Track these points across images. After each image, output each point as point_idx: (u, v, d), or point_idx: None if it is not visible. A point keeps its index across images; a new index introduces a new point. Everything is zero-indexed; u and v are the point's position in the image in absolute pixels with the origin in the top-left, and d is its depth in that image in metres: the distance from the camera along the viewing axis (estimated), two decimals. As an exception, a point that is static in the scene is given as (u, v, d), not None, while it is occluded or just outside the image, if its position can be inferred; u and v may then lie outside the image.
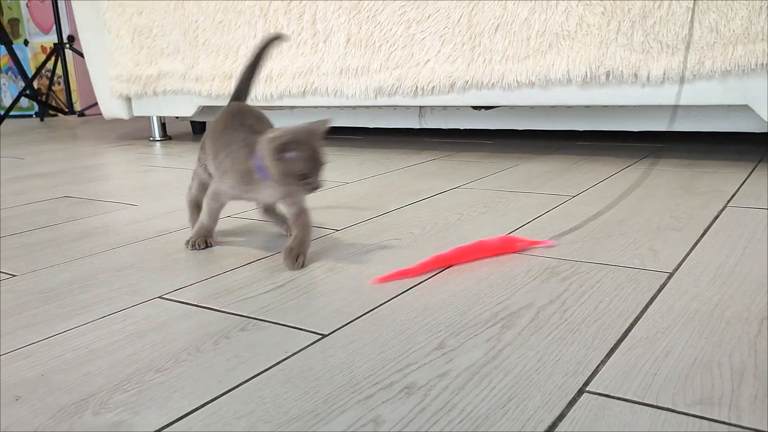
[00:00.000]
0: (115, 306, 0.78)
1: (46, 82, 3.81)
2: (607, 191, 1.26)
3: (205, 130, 2.61)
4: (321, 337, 0.67)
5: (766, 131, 1.48)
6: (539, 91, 1.57)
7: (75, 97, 3.92)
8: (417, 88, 1.69)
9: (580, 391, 0.54)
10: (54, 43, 3.70)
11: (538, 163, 1.60)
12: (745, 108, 1.46)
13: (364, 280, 0.83)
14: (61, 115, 3.89)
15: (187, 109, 2.20)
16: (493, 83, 1.60)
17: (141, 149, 2.22)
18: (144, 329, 0.71)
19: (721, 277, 0.78)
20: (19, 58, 3.79)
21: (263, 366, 0.61)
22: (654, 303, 0.72)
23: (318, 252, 0.96)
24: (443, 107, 1.91)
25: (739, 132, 1.54)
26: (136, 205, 1.34)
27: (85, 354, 0.66)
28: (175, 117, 2.41)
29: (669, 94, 1.44)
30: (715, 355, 0.59)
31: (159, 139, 2.43)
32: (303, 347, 0.65)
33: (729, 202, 1.13)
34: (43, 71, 3.79)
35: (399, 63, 1.72)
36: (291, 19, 1.87)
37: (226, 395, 0.56)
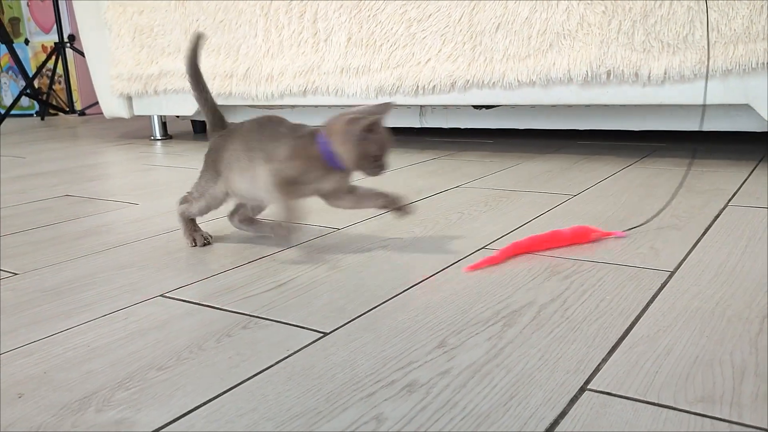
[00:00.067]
0: (116, 304, 0.78)
1: (47, 81, 3.81)
2: (608, 190, 1.26)
3: (205, 129, 2.62)
4: (323, 335, 0.67)
5: (767, 130, 1.48)
6: (540, 90, 1.57)
7: (76, 96, 3.92)
8: (418, 87, 1.70)
9: (582, 389, 0.54)
10: (55, 42, 3.70)
11: (539, 163, 1.60)
12: (746, 107, 1.46)
13: (366, 278, 0.83)
14: (61, 114, 3.89)
15: (187, 108, 2.20)
16: (493, 82, 1.60)
17: (142, 148, 2.22)
18: (146, 327, 0.71)
19: (722, 275, 0.78)
20: (19, 57, 3.79)
21: (265, 364, 0.61)
22: (655, 301, 0.72)
23: (319, 250, 0.96)
24: (444, 106, 1.91)
25: (739, 131, 1.54)
26: (137, 204, 1.34)
27: (87, 352, 0.66)
28: (176, 116, 2.41)
29: (670, 93, 1.44)
30: (717, 353, 0.59)
31: (160, 138, 2.43)
32: (305, 345, 0.65)
33: (730, 201, 1.13)
34: (43, 70, 3.80)
35: (400, 62, 1.72)
36: (292, 18, 1.87)
37: (228, 393, 0.57)
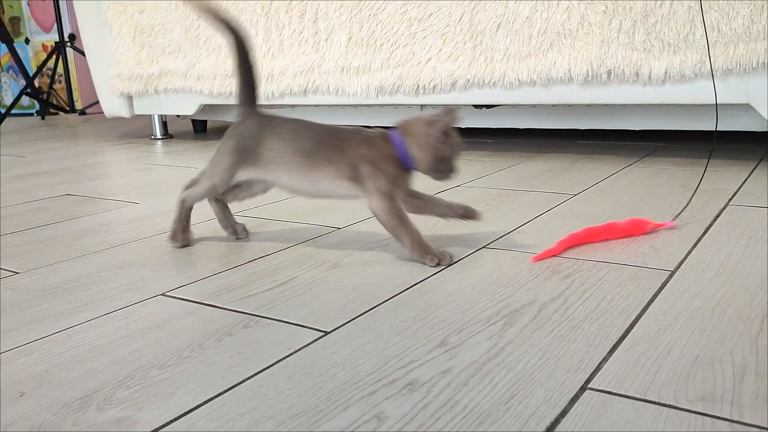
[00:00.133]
0: (117, 303, 0.79)
1: (47, 81, 3.81)
2: (609, 190, 1.26)
3: (205, 129, 2.62)
4: (324, 334, 0.67)
5: (767, 130, 1.48)
6: (541, 89, 1.57)
7: (76, 95, 3.92)
8: (418, 86, 1.70)
9: (583, 388, 0.54)
10: (55, 42, 3.70)
11: (539, 162, 1.60)
12: (747, 107, 1.46)
13: (366, 277, 0.84)
14: (62, 113, 3.89)
15: (188, 108, 2.21)
16: (494, 82, 1.60)
17: (142, 147, 2.22)
18: (147, 326, 0.71)
19: (722, 275, 0.78)
20: (20, 56, 3.79)
21: (266, 363, 0.62)
22: (656, 301, 0.72)
23: (320, 249, 0.96)
24: (445, 106, 1.91)
25: (740, 131, 1.54)
26: (137, 203, 1.34)
27: (88, 351, 0.66)
28: (177, 115, 2.41)
29: (670, 93, 1.44)
30: (717, 352, 0.59)
31: (160, 137, 2.43)
32: (306, 344, 0.65)
33: (730, 200, 1.13)
34: (44, 70, 3.80)
35: (400, 61, 1.72)
36: (292, 17, 1.87)
37: (230, 392, 0.57)
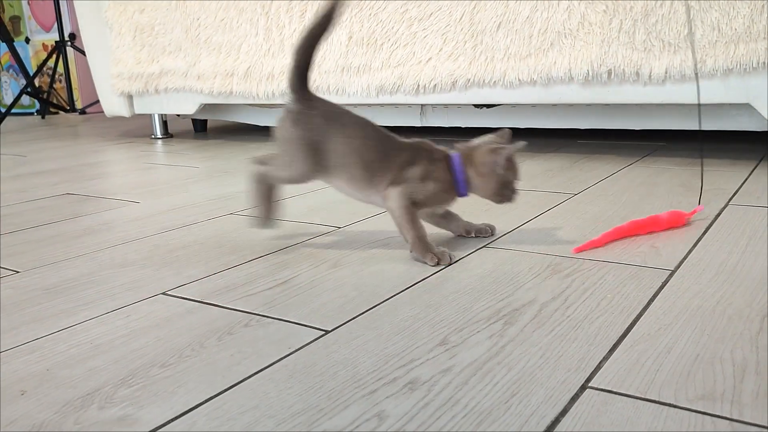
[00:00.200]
0: (118, 302, 0.79)
1: (48, 80, 3.81)
2: (609, 189, 1.26)
3: (206, 128, 2.62)
4: (324, 333, 0.67)
5: (767, 130, 1.48)
6: (541, 89, 1.57)
7: (76, 94, 3.92)
8: (419, 86, 1.70)
9: (583, 387, 0.54)
10: (55, 41, 3.70)
11: (540, 161, 1.60)
12: (747, 106, 1.46)
13: (367, 276, 0.84)
14: (62, 112, 3.89)
15: (188, 107, 2.21)
16: (494, 81, 1.60)
17: (142, 147, 2.23)
18: (148, 325, 0.71)
19: (722, 274, 0.79)
20: (20, 55, 3.79)
21: (267, 362, 0.62)
22: (656, 300, 0.72)
23: (320, 249, 0.96)
24: (445, 105, 1.91)
25: (740, 130, 1.54)
26: (138, 203, 1.34)
27: (89, 349, 0.66)
28: (177, 115, 2.41)
29: (671, 92, 1.44)
30: (717, 351, 0.59)
31: (160, 136, 2.43)
32: (306, 343, 0.65)
33: (730, 200, 1.13)
34: (44, 69, 3.80)
35: (401, 61, 1.72)
36: (293, 17, 1.87)
37: (230, 390, 0.57)
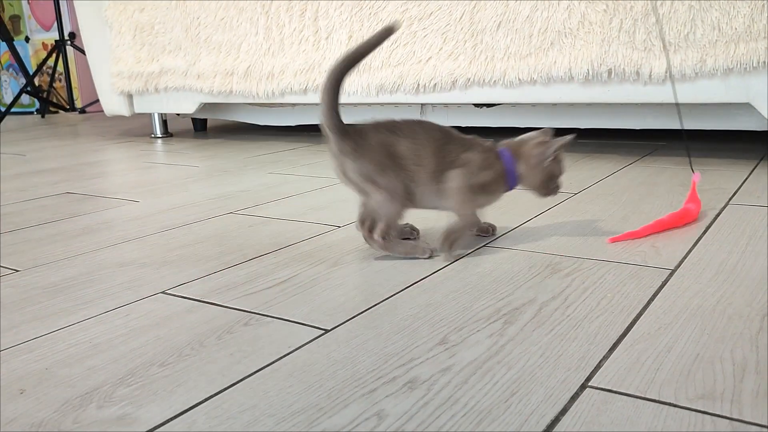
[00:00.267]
0: (118, 301, 0.79)
1: (47, 79, 3.81)
2: (609, 189, 1.26)
3: (206, 127, 2.62)
4: (324, 332, 0.67)
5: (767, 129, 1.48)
6: (541, 88, 1.57)
7: (76, 94, 3.93)
8: (419, 85, 1.69)
9: (583, 386, 0.54)
10: (55, 40, 3.70)
11: (540, 161, 1.60)
12: (747, 106, 1.46)
13: (367, 275, 0.84)
14: (62, 111, 3.89)
15: (188, 106, 2.20)
16: (494, 81, 1.60)
17: (142, 146, 2.22)
18: (147, 324, 0.71)
19: (722, 273, 0.78)
20: (20, 54, 3.79)
21: (266, 360, 0.62)
22: (656, 299, 0.72)
23: (320, 248, 0.96)
24: (445, 105, 1.91)
25: (740, 130, 1.54)
26: (137, 202, 1.34)
27: (88, 348, 0.66)
28: (177, 114, 2.41)
29: (671, 92, 1.44)
30: (717, 350, 0.59)
31: (160, 136, 2.43)
32: (306, 342, 0.65)
33: (731, 199, 1.13)
34: (44, 68, 3.80)
35: (401, 60, 1.72)
36: (293, 16, 1.87)
37: (230, 389, 0.57)
